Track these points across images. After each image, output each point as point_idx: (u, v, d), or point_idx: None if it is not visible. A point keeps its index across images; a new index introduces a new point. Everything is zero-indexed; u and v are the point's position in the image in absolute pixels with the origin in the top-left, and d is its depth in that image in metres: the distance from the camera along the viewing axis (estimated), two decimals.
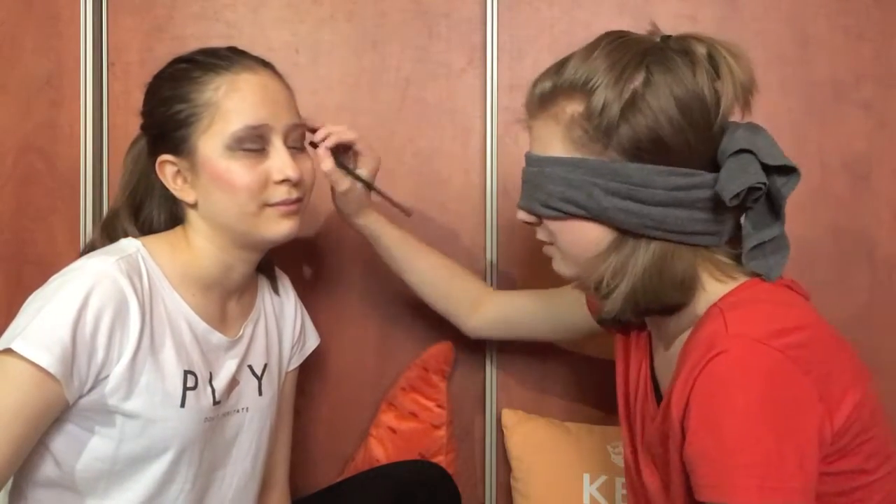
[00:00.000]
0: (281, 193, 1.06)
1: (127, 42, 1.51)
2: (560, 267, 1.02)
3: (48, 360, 0.91)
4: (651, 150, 0.90)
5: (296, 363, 1.31)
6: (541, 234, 1.02)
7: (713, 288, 0.93)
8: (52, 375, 0.92)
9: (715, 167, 0.93)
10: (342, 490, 1.35)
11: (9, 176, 1.52)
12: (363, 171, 1.26)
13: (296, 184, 1.07)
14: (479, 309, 1.37)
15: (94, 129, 1.51)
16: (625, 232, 0.93)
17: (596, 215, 0.93)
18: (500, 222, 1.52)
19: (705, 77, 0.91)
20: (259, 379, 1.18)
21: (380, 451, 1.47)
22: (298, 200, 1.09)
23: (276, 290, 1.27)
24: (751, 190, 0.89)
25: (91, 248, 1.13)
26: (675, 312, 0.95)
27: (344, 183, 1.24)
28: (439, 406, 1.48)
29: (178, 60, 1.10)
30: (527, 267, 1.53)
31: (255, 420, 1.16)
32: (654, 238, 0.93)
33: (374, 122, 1.52)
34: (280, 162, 1.06)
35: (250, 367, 1.17)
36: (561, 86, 0.94)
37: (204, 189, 1.06)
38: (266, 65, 1.11)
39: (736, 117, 0.95)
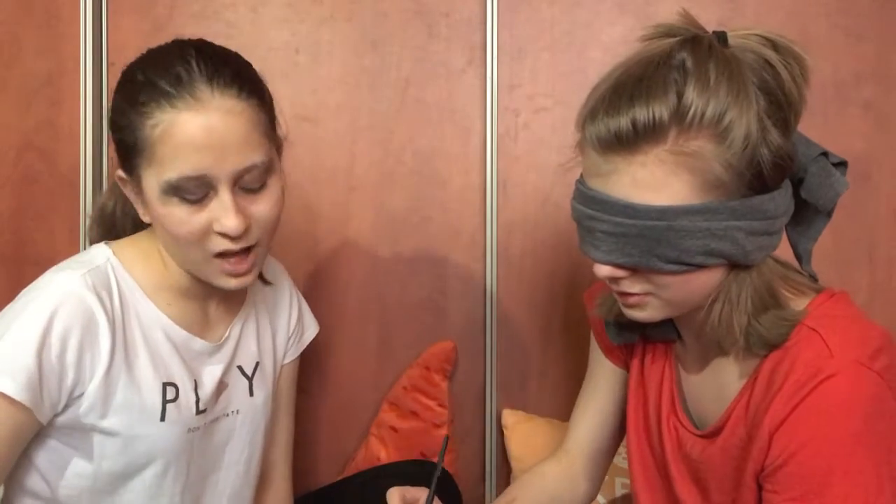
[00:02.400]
0: (223, 244, 0.95)
1: (127, 42, 1.50)
2: (651, 314, 0.89)
3: (13, 387, 0.89)
4: (779, 175, 0.82)
5: (293, 355, 1.26)
6: (632, 287, 0.87)
7: (793, 304, 0.88)
8: (19, 403, 0.90)
9: None
10: (343, 489, 1.34)
11: (9, 176, 1.52)
12: None
13: (240, 235, 0.95)
14: (574, 480, 1.18)
15: (94, 129, 1.51)
16: (740, 266, 0.85)
17: (739, 261, 0.83)
18: (500, 222, 1.52)
19: (787, 75, 0.82)
20: (250, 379, 1.14)
21: (381, 451, 1.47)
22: (246, 250, 0.97)
23: (263, 280, 1.19)
24: None
25: (90, 233, 1.10)
26: (787, 337, 0.86)
27: None
28: (440, 405, 1.48)
29: (137, 66, 0.97)
30: (527, 267, 1.53)
31: (246, 422, 1.13)
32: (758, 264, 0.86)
33: (374, 122, 1.52)
34: (220, 211, 0.93)
35: (240, 367, 1.13)
36: (688, 120, 0.78)
37: (153, 220, 0.99)
38: (224, 86, 0.93)
39: None
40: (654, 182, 0.79)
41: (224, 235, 0.95)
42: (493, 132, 1.51)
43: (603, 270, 0.86)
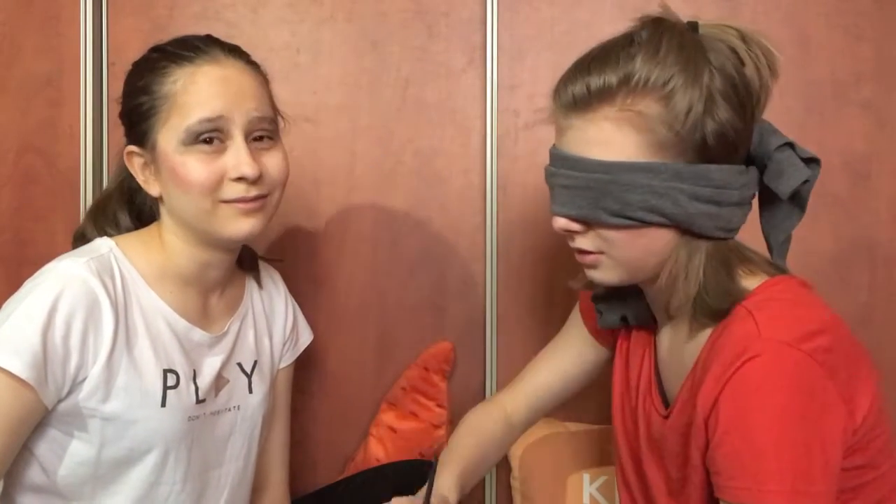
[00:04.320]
0: (237, 191, 1.01)
1: (127, 42, 1.51)
2: (606, 275, 0.95)
3: (19, 366, 0.91)
4: (724, 148, 0.88)
5: (288, 360, 1.28)
6: (584, 243, 0.94)
7: (743, 283, 0.92)
8: (24, 381, 0.91)
9: (748, 161, 0.93)
10: (342, 489, 1.35)
11: (9, 176, 1.52)
12: None
13: (254, 181, 1.01)
14: (513, 423, 1.24)
15: (94, 129, 1.51)
16: (691, 234, 0.90)
17: (680, 222, 0.88)
18: (500, 222, 1.52)
19: (751, 64, 0.90)
20: (249, 376, 1.16)
21: (380, 451, 1.47)
22: (260, 198, 1.03)
23: (259, 284, 1.23)
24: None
25: (81, 234, 1.12)
26: (730, 313, 0.90)
27: None
28: (439, 406, 1.48)
29: (152, 49, 1.07)
30: (527, 267, 1.53)
31: (246, 418, 1.15)
32: (712, 238, 0.91)
33: (374, 122, 1.52)
34: (236, 158, 1.00)
35: (239, 364, 1.15)
36: (633, 83, 0.86)
37: (164, 184, 1.03)
38: (237, 55, 1.05)
39: None
40: (603, 138, 0.88)
41: (239, 180, 1.00)
42: (493, 132, 1.51)
43: (559, 222, 0.93)
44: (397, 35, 1.52)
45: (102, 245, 1.05)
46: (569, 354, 1.21)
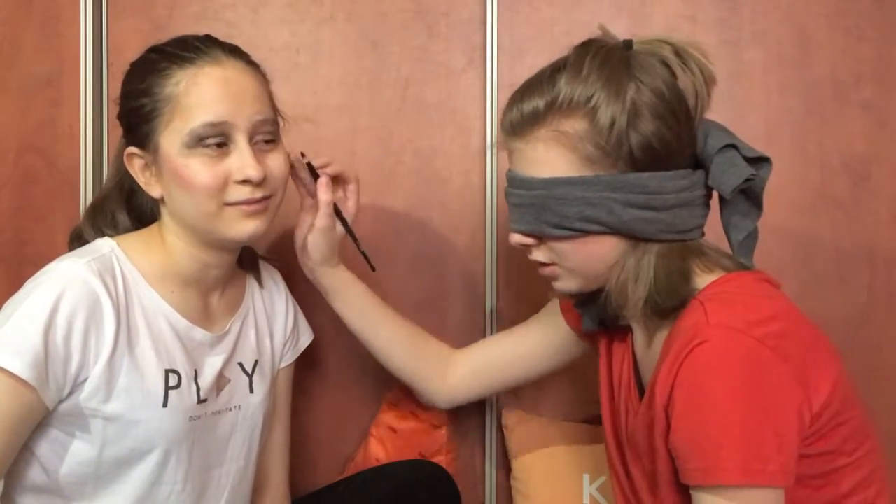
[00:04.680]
0: (242, 193, 1.02)
1: (127, 42, 1.50)
2: (566, 285, 1.02)
3: (20, 366, 0.91)
4: (655, 156, 0.93)
5: (289, 360, 1.28)
6: (539, 256, 1.02)
7: (699, 280, 0.96)
8: (25, 382, 0.91)
9: (696, 164, 0.97)
10: (342, 489, 1.35)
11: (9, 176, 1.52)
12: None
13: (259, 183, 1.02)
14: (447, 371, 1.30)
15: (94, 129, 1.51)
16: (636, 239, 0.95)
17: (617, 229, 0.94)
18: (500, 222, 1.52)
19: (684, 76, 0.95)
20: (250, 376, 1.16)
21: (380, 451, 1.46)
22: (264, 199, 1.04)
23: (260, 283, 1.24)
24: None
25: (78, 234, 1.12)
26: (685, 307, 0.95)
27: (328, 219, 1.18)
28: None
29: (151, 50, 1.06)
30: (526, 266, 1.52)
31: (247, 418, 1.15)
32: (662, 241, 0.95)
33: (374, 122, 1.52)
34: (240, 161, 1.01)
35: (240, 364, 1.16)
36: (557, 105, 0.93)
37: (167, 185, 1.03)
38: (238, 56, 1.05)
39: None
40: (539, 158, 0.95)
41: (244, 182, 1.01)
42: (493, 132, 1.51)
43: (514, 238, 1.01)
44: (397, 35, 1.52)
45: (104, 245, 1.05)
46: (543, 340, 1.26)
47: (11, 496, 1.04)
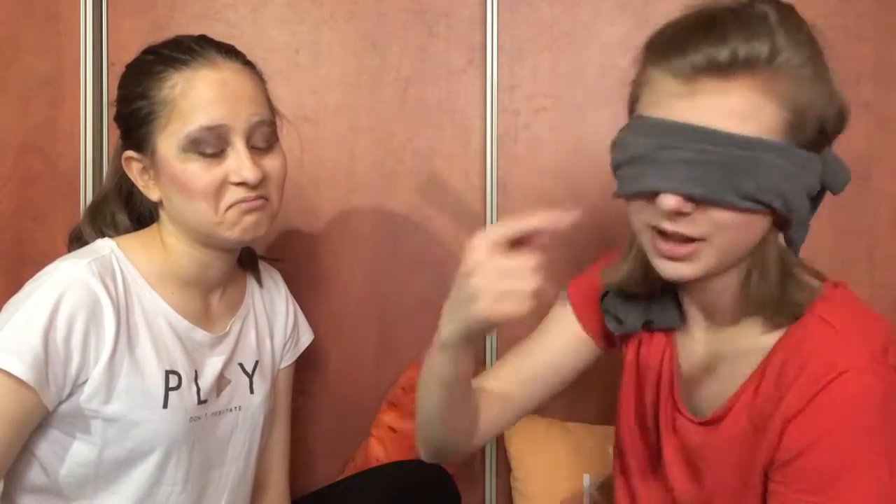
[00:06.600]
0: (239, 193, 1.01)
1: (127, 42, 1.51)
2: (696, 268, 0.85)
3: (20, 367, 0.91)
4: (823, 141, 0.84)
5: (289, 360, 1.28)
6: (688, 228, 0.82)
7: (809, 282, 0.89)
8: (25, 383, 0.91)
9: None
10: (342, 489, 1.34)
11: (9, 176, 1.52)
12: None
13: (256, 185, 1.01)
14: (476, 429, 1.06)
15: (94, 129, 1.51)
16: (777, 225, 0.85)
17: (791, 211, 0.82)
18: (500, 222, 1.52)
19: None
20: (250, 377, 1.16)
21: (380, 451, 1.46)
22: (261, 198, 1.03)
23: (260, 283, 1.23)
24: None
25: (77, 234, 1.12)
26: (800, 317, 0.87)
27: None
28: None
29: (146, 51, 1.05)
30: None
31: (247, 418, 1.15)
32: (783, 231, 0.87)
33: (374, 122, 1.53)
34: (237, 163, 1.00)
35: (241, 364, 1.15)
36: (779, 60, 0.79)
37: (165, 188, 1.03)
38: (233, 56, 1.04)
39: None
40: (745, 110, 0.78)
41: (241, 185, 1.00)
42: (493, 132, 1.51)
43: (669, 201, 0.80)
44: (397, 35, 1.52)
45: (104, 246, 1.05)
46: (559, 349, 1.10)
47: (11, 497, 1.04)
